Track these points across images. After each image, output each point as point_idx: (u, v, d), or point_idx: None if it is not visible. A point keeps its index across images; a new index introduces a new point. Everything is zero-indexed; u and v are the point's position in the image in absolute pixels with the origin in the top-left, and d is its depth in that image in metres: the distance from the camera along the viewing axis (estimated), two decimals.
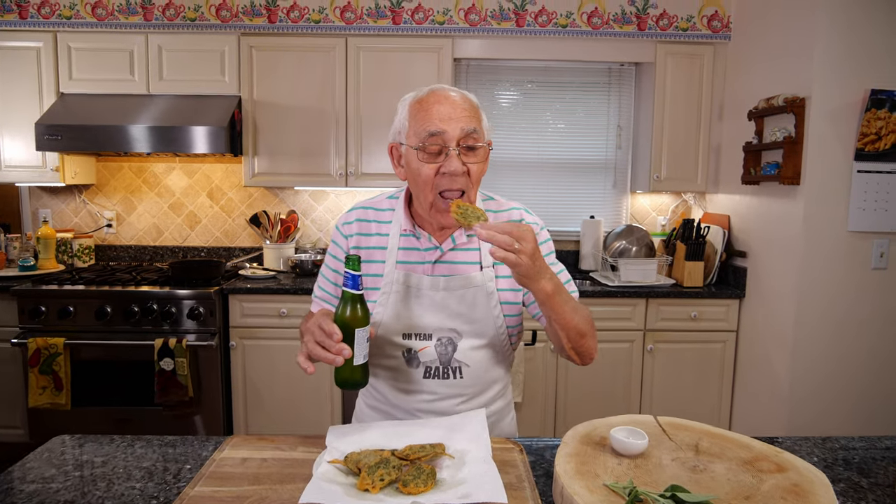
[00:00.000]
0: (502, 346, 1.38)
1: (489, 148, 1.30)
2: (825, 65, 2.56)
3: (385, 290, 1.34)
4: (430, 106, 1.24)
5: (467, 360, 1.34)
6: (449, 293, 1.32)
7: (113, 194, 3.61)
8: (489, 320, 1.34)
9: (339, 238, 1.41)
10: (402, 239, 1.36)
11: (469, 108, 1.26)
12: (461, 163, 1.23)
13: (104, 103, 3.15)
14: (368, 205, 1.42)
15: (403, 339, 1.33)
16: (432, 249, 1.34)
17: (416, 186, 1.28)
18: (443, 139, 1.22)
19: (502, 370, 1.43)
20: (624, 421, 1.24)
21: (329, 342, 1.08)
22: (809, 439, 1.34)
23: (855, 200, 2.61)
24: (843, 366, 2.70)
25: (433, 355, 1.33)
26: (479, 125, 1.26)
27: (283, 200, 3.64)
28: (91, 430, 2.96)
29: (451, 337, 1.33)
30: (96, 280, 3.02)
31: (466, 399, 1.36)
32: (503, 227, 1.09)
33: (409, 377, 1.35)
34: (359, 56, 3.20)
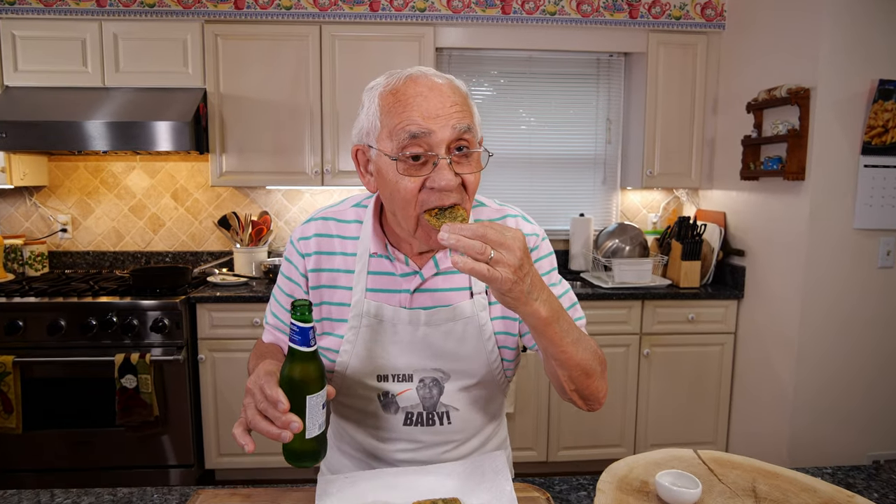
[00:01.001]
0: (497, 384, 1.15)
1: (488, 153, 1.02)
2: (831, 54, 2.43)
3: (353, 323, 1.09)
4: (410, 98, 0.95)
5: (456, 403, 1.12)
6: (432, 328, 1.08)
7: (67, 196, 3.33)
8: (481, 357, 1.10)
9: (294, 256, 1.14)
10: (372, 261, 1.10)
11: (460, 100, 0.98)
12: (454, 174, 0.94)
13: (54, 97, 2.88)
14: (330, 215, 1.14)
15: (378, 381, 1.10)
16: (410, 275, 1.08)
17: (393, 203, 0.99)
18: (428, 143, 0.93)
19: (496, 407, 1.21)
20: (664, 458, 1.07)
21: (274, 412, 0.84)
22: (862, 469, 1.19)
23: (861, 196, 2.50)
24: (847, 368, 2.59)
25: (415, 399, 1.10)
26: (472, 121, 0.98)
27: (254, 201, 3.41)
28: (46, 455, 2.71)
29: (437, 377, 1.10)
30: (49, 291, 2.75)
31: (455, 445, 1.14)
32: (476, 229, 0.81)
33: (387, 424, 1.12)
34: (334, 45, 2.98)
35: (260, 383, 0.87)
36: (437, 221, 0.93)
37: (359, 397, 1.12)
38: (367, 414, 1.13)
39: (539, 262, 1.14)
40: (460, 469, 0.99)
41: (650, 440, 3.03)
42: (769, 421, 2.75)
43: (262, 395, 0.86)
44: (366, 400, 1.12)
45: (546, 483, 1.10)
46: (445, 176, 0.93)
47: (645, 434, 3.02)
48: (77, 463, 2.73)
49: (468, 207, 0.99)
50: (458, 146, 0.96)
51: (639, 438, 3.02)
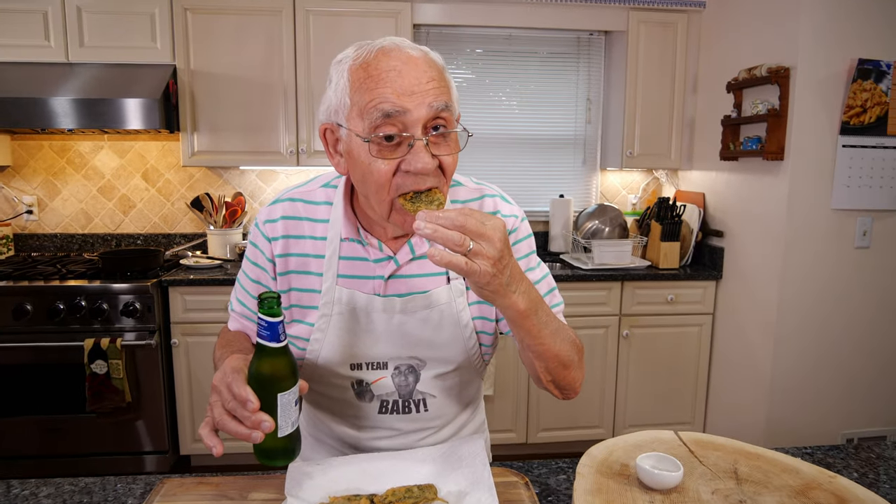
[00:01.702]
0: (475, 368, 1.12)
1: (467, 132, 0.94)
2: (811, 33, 2.42)
3: (325, 311, 1.03)
4: (383, 73, 0.86)
5: (432, 390, 1.08)
6: (407, 316, 1.03)
7: (32, 177, 3.21)
8: (458, 344, 1.06)
9: (259, 240, 1.06)
10: (343, 246, 1.03)
11: (437, 75, 0.90)
12: (431, 156, 0.87)
13: (15, 73, 2.76)
14: (298, 196, 1.07)
15: (352, 370, 1.05)
16: (384, 261, 1.03)
17: (366, 187, 0.92)
18: (403, 122, 0.86)
19: (474, 391, 1.18)
20: (644, 441, 1.05)
21: (243, 412, 0.78)
22: (841, 449, 1.18)
23: (839, 177, 2.50)
24: (824, 347, 2.61)
25: (390, 387, 1.06)
26: (450, 98, 0.91)
27: (227, 181, 3.32)
28: (15, 442, 2.64)
29: (413, 365, 1.06)
30: (13, 274, 2.66)
31: (433, 432, 1.11)
32: (454, 218, 0.75)
33: (361, 412, 1.08)
34: (308, 20, 2.90)
35: (227, 381, 0.81)
36: (413, 206, 0.87)
37: (332, 386, 1.08)
38: (341, 402, 1.09)
39: (518, 245, 1.09)
40: (436, 454, 0.96)
41: (629, 421, 3.04)
42: (747, 400, 2.77)
43: (229, 393, 0.80)
44: (339, 388, 1.07)
45: (525, 467, 1.07)
46: (422, 158, 0.86)
47: (624, 415, 3.03)
48: (48, 450, 2.67)
49: (446, 191, 0.93)
50: (435, 125, 0.89)
51: (618, 420, 3.03)
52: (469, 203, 1.09)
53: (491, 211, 1.08)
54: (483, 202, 1.09)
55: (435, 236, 0.75)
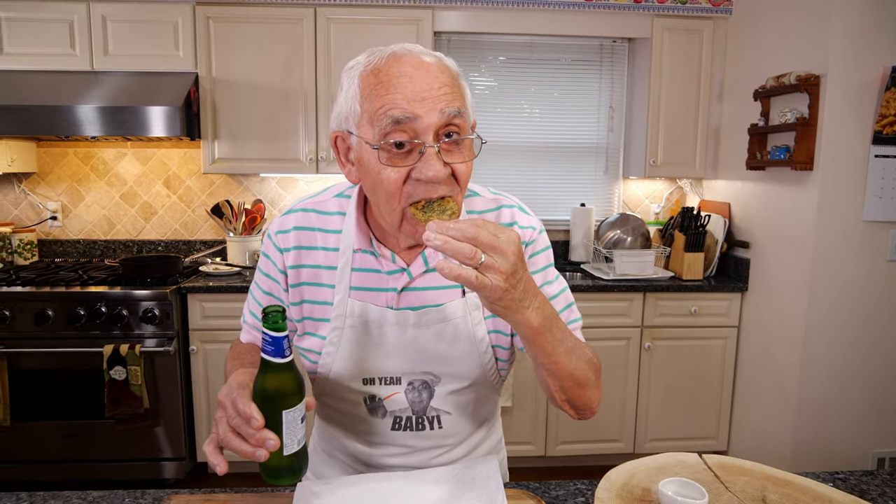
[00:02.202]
0: (491, 384, 1.08)
1: (480, 140, 0.92)
2: (842, 40, 2.35)
3: (336, 324, 1.01)
4: (394, 79, 0.84)
5: (447, 407, 1.04)
6: (421, 329, 1.00)
7: (57, 183, 3.25)
8: (473, 358, 1.02)
9: (272, 251, 1.05)
10: (356, 257, 1.01)
11: (450, 80, 0.87)
12: (443, 163, 0.84)
13: (42, 81, 2.80)
14: (311, 206, 1.05)
15: (364, 384, 1.02)
16: (397, 273, 1.00)
17: (377, 195, 0.90)
18: (414, 129, 0.83)
19: (491, 410, 1.14)
20: (667, 464, 1.01)
21: (247, 429, 0.77)
22: (875, 475, 1.12)
23: (871, 187, 2.42)
24: (853, 363, 2.52)
25: (403, 403, 1.03)
26: (463, 104, 0.88)
27: (247, 188, 3.33)
28: (35, 447, 2.66)
29: (427, 381, 1.03)
30: (36, 280, 2.69)
31: (447, 450, 1.08)
32: (465, 230, 0.72)
33: (374, 428, 1.05)
34: (329, 28, 2.90)
35: (232, 397, 0.79)
36: (424, 216, 0.84)
37: (344, 401, 1.05)
38: (353, 418, 1.06)
39: (534, 258, 1.05)
40: (450, 475, 0.92)
41: (650, 435, 2.97)
42: (772, 417, 2.69)
43: (234, 409, 0.78)
44: (352, 404, 1.05)
45: (542, 488, 1.04)
46: (433, 166, 0.83)
47: (645, 429, 2.96)
48: (66, 455, 2.68)
49: (459, 200, 0.90)
50: (448, 132, 0.86)
51: (639, 434, 2.97)
52: (485, 214, 1.06)
53: (508, 222, 1.05)
54: (500, 213, 1.06)
55: (445, 248, 0.72)
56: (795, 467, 2.53)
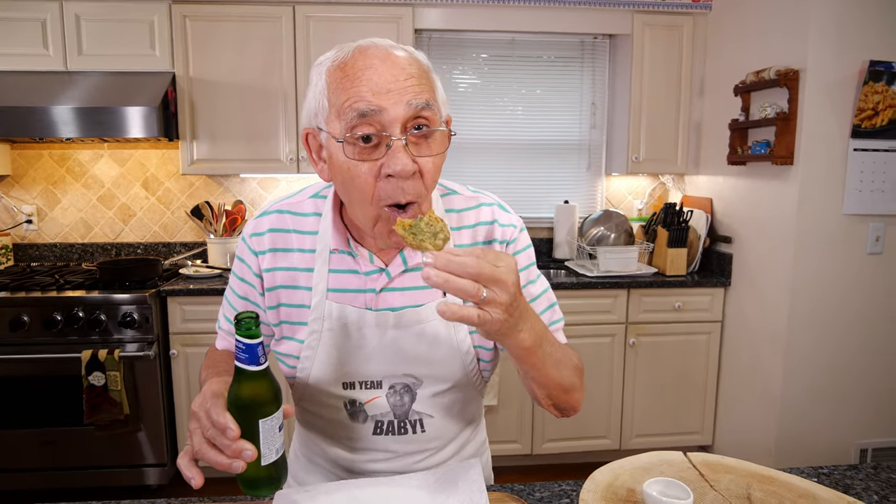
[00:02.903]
0: (474, 386, 1.06)
1: (450, 132, 0.90)
2: (821, 34, 2.36)
3: (314, 327, 0.98)
4: (359, 72, 0.83)
5: (429, 410, 1.03)
6: (401, 331, 0.98)
7: (32, 186, 3.19)
8: (456, 360, 1.00)
9: (246, 254, 1.02)
10: (333, 258, 0.98)
11: (418, 72, 0.85)
12: (410, 158, 0.83)
13: (14, 81, 2.73)
14: (285, 207, 1.04)
15: (344, 389, 1.00)
16: (375, 273, 0.98)
17: (349, 194, 0.88)
18: (380, 122, 0.82)
19: (474, 410, 1.12)
20: (651, 463, 1.00)
21: (222, 440, 0.75)
22: (860, 469, 1.12)
23: (851, 181, 2.44)
24: (836, 356, 2.54)
25: (385, 407, 1.01)
26: (432, 97, 0.86)
27: (227, 189, 3.29)
28: (12, 455, 2.60)
29: (408, 384, 1.00)
30: (10, 285, 2.63)
31: (431, 453, 1.06)
32: (468, 266, 0.70)
33: (355, 434, 1.03)
34: (308, 26, 2.86)
35: (206, 407, 0.77)
36: (415, 240, 0.79)
37: (324, 406, 1.03)
38: (334, 423, 1.04)
39: (517, 256, 1.04)
40: (432, 479, 0.91)
41: (636, 431, 2.97)
42: (756, 410, 2.70)
43: (208, 420, 0.76)
44: (332, 409, 1.03)
45: (526, 490, 1.02)
46: (400, 160, 0.81)
47: (631, 425, 2.97)
48: (45, 463, 2.63)
49: (423, 206, 0.88)
50: (417, 125, 0.84)
51: (624, 430, 2.97)
52: (465, 212, 1.04)
53: (488, 220, 1.04)
54: (480, 211, 1.04)
55: (447, 287, 0.70)
56: (780, 460, 2.55)
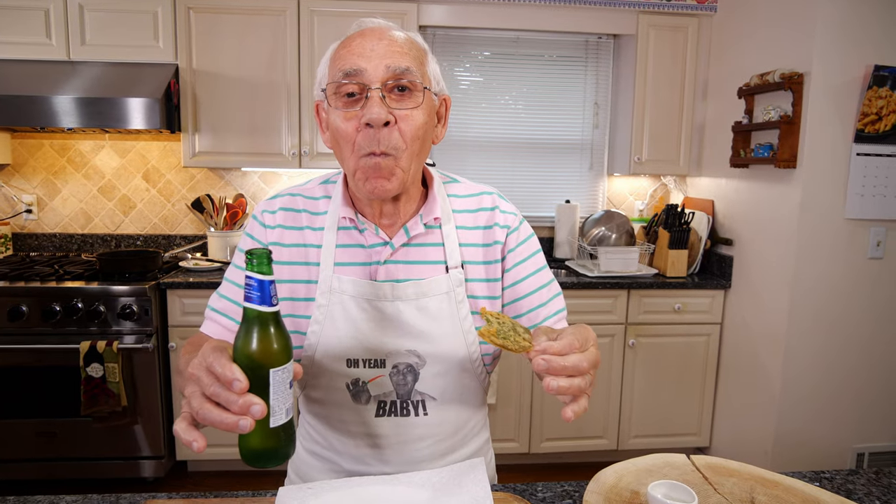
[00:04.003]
0: (475, 371, 1.07)
1: (439, 98, 0.99)
2: (826, 38, 2.36)
3: (322, 301, 1.01)
4: (352, 41, 0.93)
5: (432, 390, 1.04)
6: (405, 303, 1.00)
7: (32, 176, 3.18)
8: (457, 337, 1.03)
9: (256, 229, 1.06)
10: (340, 234, 1.03)
11: (405, 45, 0.93)
12: (386, 109, 0.89)
13: (16, 70, 2.72)
14: (297, 191, 1.09)
15: (348, 366, 1.01)
16: (380, 246, 1.02)
17: (340, 151, 0.96)
18: (361, 81, 0.90)
19: (477, 402, 1.13)
20: (655, 465, 1.00)
21: (228, 395, 0.66)
22: (861, 474, 1.13)
23: (853, 185, 2.44)
24: (835, 359, 2.55)
25: (388, 386, 1.02)
26: (415, 64, 0.93)
27: (229, 183, 3.28)
28: (9, 446, 2.59)
29: (411, 363, 1.02)
30: (10, 275, 2.62)
31: (433, 442, 1.06)
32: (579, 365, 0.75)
33: (358, 416, 1.03)
34: (312, 20, 2.85)
35: (207, 362, 0.69)
36: (508, 342, 0.80)
37: (328, 389, 1.04)
38: (337, 407, 1.04)
39: (526, 243, 1.10)
40: (435, 479, 0.91)
41: (634, 432, 2.98)
42: (754, 412, 2.71)
43: (209, 376, 0.68)
44: (335, 391, 1.03)
45: (528, 490, 1.02)
46: (374, 109, 0.89)
47: (629, 426, 2.97)
48: (42, 454, 2.62)
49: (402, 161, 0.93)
50: (399, 86, 0.92)
51: (623, 430, 2.97)
52: (466, 198, 1.09)
53: (489, 207, 1.09)
54: (482, 198, 1.10)
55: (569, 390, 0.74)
56: (777, 463, 2.56)
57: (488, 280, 1.07)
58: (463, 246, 1.06)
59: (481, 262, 1.06)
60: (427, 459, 1.05)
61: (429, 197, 1.05)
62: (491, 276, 1.07)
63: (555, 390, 0.73)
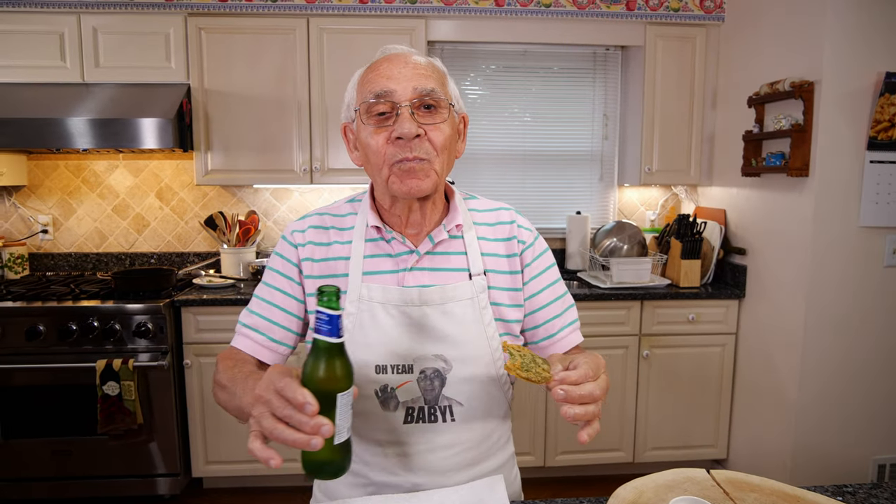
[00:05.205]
0: (499, 378, 1.10)
1: (459, 116, 1.09)
2: (836, 46, 2.35)
3: (350, 310, 1.06)
4: (379, 65, 1.02)
5: (459, 396, 1.07)
6: (431, 308, 1.06)
7: (48, 196, 3.22)
8: (482, 342, 1.07)
9: (286, 248, 1.12)
10: (368, 245, 1.10)
11: (428, 70, 1.03)
12: (416, 124, 0.98)
13: (32, 93, 2.77)
14: (324, 210, 1.16)
15: (377, 372, 1.05)
16: (406, 254, 1.08)
17: (370, 165, 1.04)
18: (391, 101, 0.99)
19: (502, 412, 1.15)
20: (675, 481, 0.99)
21: (300, 417, 0.73)
22: (884, 487, 1.11)
23: (867, 193, 2.42)
24: (852, 370, 2.51)
25: (415, 392, 1.06)
26: (438, 85, 1.02)
27: (241, 200, 3.31)
28: (26, 464, 2.61)
29: (438, 368, 1.05)
30: (27, 295, 2.65)
31: (460, 450, 1.07)
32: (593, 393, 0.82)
33: (386, 423, 1.06)
34: (322, 38, 2.88)
35: (277, 386, 0.75)
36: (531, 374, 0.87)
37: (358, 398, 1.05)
38: (366, 416, 1.07)
39: (541, 258, 1.16)
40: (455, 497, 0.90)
41: (650, 444, 2.95)
42: (772, 423, 2.68)
43: (280, 399, 0.75)
44: (364, 399, 1.06)
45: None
46: (405, 124, 0.97)
47: (645, 438, 2.95)
48: (58, 472, 2.63)
49: (435, 164, 1.01)
50: (425, 104, 1.00)
51: (638, 442, 2.95)
52: (486, 212, 1.17)
53: (507, 221, 1.16)
54: (500, 213, 1.17)
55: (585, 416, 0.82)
56: (796, 474, 2.52)
57: (511, 289, 1.12)
58: (485, 255, 1.11)
59: (506, 272, 1.12)
60: (454, 469, 1.07)
61: (451, 207, 1.12)
62: (514, 285, 1.12)
63: (572, 418, 0.81)
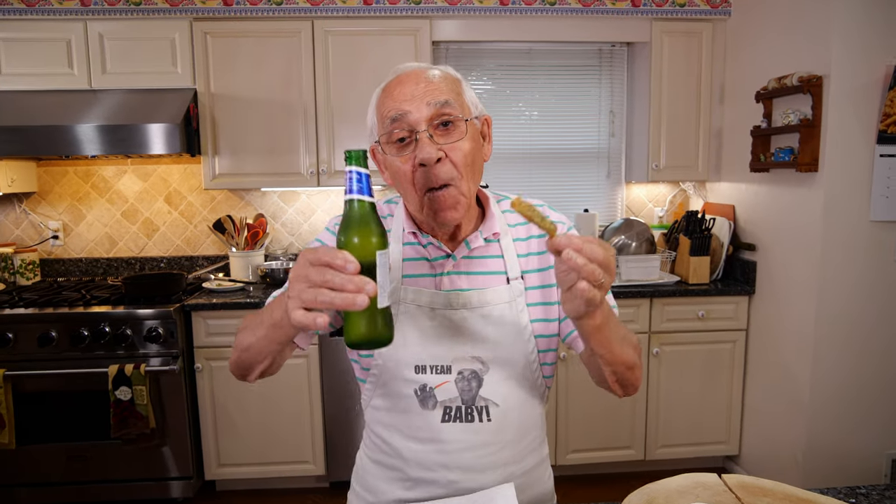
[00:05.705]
0: (535, 380, 1.12)
1: (480, 119, 1.07)
2: (844, 39, 2.33)
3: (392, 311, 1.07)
4: (393, 88, 1.01)
5: (495, 397, 1.08)
6: (469, 311, 1.07)
7: (58, 202, 3.24)
8: (519, 345, 1.08)
9: (328, 238, 1.14)
10: (406, 248, 1.11)
11: (441, 80, 1.02)
12: (435, 147, 0.97)
13: (40, 100, 2.78)
14: None
15: (416, 372, 1.07)
16: (443, 259, 1.09)
17: (402, 189, 1.04)
18: (408, 123, 0.98)
19: (537, 413, 1.16)
20: (686, 486, 0.99)
21: (342, 278, 0.72)
22: None
23: (877, 187, 2.40)
24: (864, 365, 2.50)
25: (453, 392, 1.07)
26: (453, 96, 1.01)
27: (249, 203, 3.32)
28: (41, 470, 2.64)
29: (476, 369, 1.07)
30: (39, 301, 2.67)
31: (496, 449, 1.08)
32: (595, 252, 0.78)
33: (424, 422, 1.08)
34: (327, 40, 2.89)
35: (312, 258, 0.75)
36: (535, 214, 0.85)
37: (396, 396, 1.09)
38: (405, 415, 1.09)
39: None
40: None
41: (661, 441, 2.94)
42: (784, 419, 2.66)
43: (318, 268, 0.74)
44: (404, 398, 1.08)
45: None
46: (425, 149, 0.96)
47: (655, 436, 2.94)
48: (73, 477, 2.66)
49: (462, 187, 1.00)
50: (442, 121, 0.99)
51: (649, 440, 2.94)
52: None
53: None
54: None
55: (583, 269, 0.78)
56: (808, 470, 2.51)
57: (543, 286, 1.12)
58: (521, 257, 1.12)
59: (536, 270, 1.12)
60: (490, 467, 1.08)
61: (486, 215, 1.12)
62: (546, 282, 1.12)
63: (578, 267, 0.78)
